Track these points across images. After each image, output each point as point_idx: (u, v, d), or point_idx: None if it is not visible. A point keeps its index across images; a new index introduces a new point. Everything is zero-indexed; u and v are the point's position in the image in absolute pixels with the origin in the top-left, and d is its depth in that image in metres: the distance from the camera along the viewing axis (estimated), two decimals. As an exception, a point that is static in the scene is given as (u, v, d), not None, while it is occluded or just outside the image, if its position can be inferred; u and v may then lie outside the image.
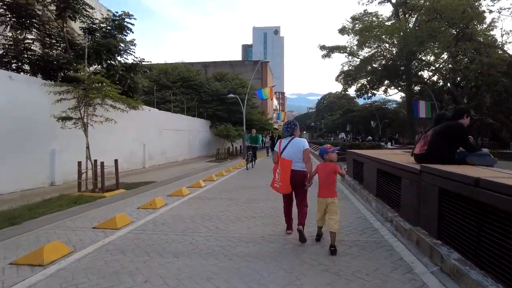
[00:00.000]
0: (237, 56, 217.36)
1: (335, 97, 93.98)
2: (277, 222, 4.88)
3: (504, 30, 35.27)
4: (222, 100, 24.98)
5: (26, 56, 9.61)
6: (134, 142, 13.54)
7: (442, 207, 3.37)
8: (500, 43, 25.75)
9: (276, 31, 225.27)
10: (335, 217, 3.65)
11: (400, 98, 55.93)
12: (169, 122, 17.08)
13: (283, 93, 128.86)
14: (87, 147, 7.89)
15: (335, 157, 3.96)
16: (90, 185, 7.86)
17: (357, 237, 4.18)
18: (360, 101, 72.17)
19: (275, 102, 70.39)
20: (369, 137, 43.71)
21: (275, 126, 31.26)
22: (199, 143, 22.11)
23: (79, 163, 7.65)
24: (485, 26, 27.68)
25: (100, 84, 8.02)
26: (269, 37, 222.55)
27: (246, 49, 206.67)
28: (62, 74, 9.85)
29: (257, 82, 41.30)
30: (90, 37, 10.41)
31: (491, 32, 27.03)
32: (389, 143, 25.41)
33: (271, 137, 14.23)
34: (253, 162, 14.34)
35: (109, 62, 10.87)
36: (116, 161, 8.25)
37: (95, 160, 7.82)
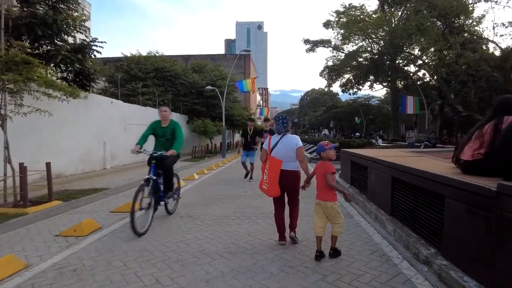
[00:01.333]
0: (220, 51, 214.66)
1: (318, 93, 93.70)
2: (253, 265, 3.17)
3: (495, 23, 34.40)
4: (200, 93, 22.98)
5: None
6: (93, 139, 11.48)
7: None
8: (488, 36, 25.01)
9: (260, 26, 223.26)
10: (340, 221, 3.30)
11: (383, 95, 55.53)
12: (137, 116, 14.98)
13: (266, 89, 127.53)
14: (6, 147, 5.94)
15: (333, 155, 3.48)
16: (18, 196, 5.90)
17: (384, 299, 2.54)
18: (343, 98, 71.60)
19: (258, 97, 68.56)
20: (357, 134, 42.73)
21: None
22: (174, 140, 20.05)
23: (-7, 168, 5.72)
24: (471, 21, 26.92)
25: (28, 64, 6.07)
26: (252, 32, 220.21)
27: (229, 44, 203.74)
28: None
29: (240, 77, 39.41)
30: (26, 8, 8.33)
31: (480, 26, 26.21)
32: (379, 140, 24.20)
33: (244, 131, 9.16)
34: (165, 202, 5.07)
35: (55, 41, 8.85)
36: (48, 164, 6.32)
37: (21, 164, 5.91)
